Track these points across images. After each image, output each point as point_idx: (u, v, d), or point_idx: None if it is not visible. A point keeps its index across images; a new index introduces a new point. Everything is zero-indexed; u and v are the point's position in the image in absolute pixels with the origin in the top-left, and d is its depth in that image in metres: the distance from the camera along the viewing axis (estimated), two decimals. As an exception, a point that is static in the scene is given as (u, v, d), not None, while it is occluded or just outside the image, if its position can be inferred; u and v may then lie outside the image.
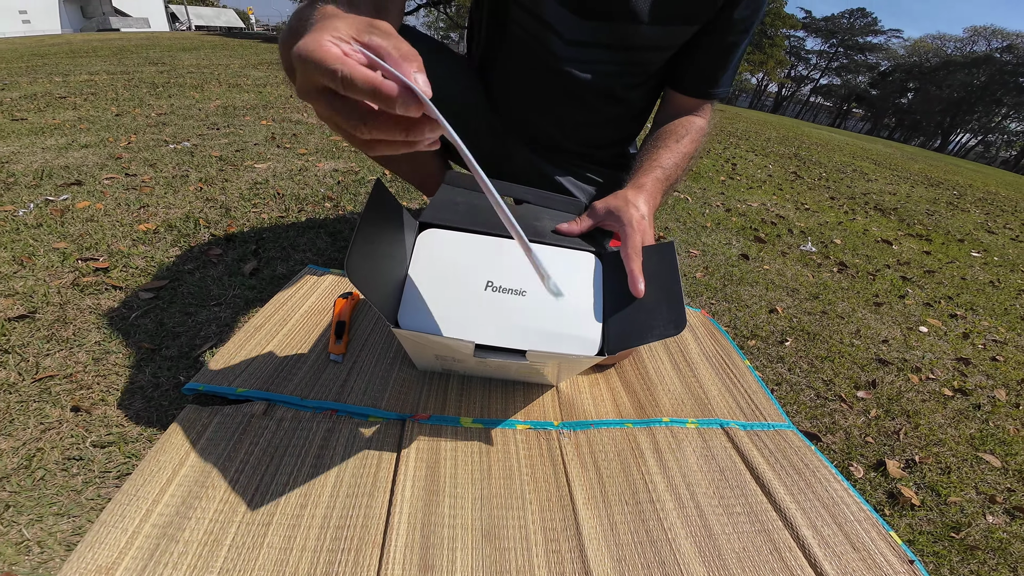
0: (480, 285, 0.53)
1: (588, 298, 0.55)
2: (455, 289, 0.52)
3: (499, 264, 0.54)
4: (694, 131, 0.68)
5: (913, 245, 2.08)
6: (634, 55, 0.66)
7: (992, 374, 1.11)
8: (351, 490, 0.51)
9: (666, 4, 0.61)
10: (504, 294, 0.53)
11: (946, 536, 0.65)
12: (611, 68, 0.67)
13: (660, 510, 0.56)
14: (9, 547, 0.44)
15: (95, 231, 0.98)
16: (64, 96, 2.67)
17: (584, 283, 0.56)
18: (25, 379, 0.60)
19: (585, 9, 0.61)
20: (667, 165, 0.63)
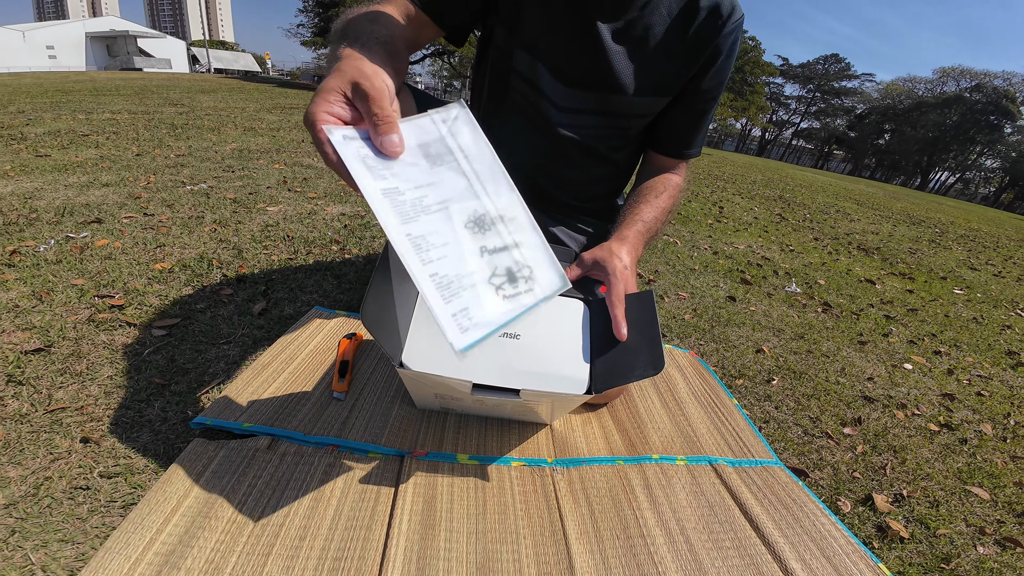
0: None
1: (577, 341, 0.60)
2: None
3: None
4: (671, 187, 0.76)
5: (896, 284, 2.15)
6: (617, 121, 0.75)
7: (978, 409, 1.13)
8: (349, 523, 0.53)
9: (644, 78, 0.70)
10: (499, 337, 0.57)
11: (936, 568, 0.66)
12: (598, 132, 0.76)
13: (651, 545, 0.58)
14: (14, 571, 0.45)
15: (112, 269, 1.03)
16: (87, 134, 2.81)
17: (573, 328, 0.61)
18: (38, 410, 0.63)
19: (575, 81, 0.71)
20: (648, 219, 0.70)
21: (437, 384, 0.57)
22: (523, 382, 0.56)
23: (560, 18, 0.67)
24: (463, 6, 0.66)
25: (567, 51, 0.69)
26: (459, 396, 0.61)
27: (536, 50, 0.70)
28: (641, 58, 0.69)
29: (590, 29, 0.67)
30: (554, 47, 0.69)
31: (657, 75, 0.70)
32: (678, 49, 0.69)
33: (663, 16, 0.67)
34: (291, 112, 5.47)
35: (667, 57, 0.69)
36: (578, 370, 0.58)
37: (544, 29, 0.68)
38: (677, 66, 0.70)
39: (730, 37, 0.68)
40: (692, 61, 0.69)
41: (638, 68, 0.69)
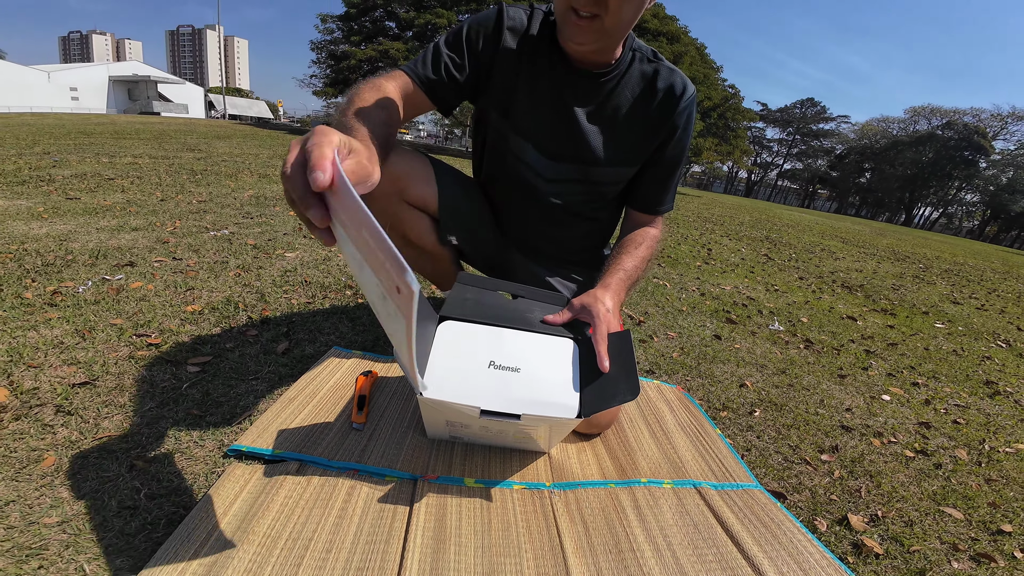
0: (484, 364, 0.67)
1: (568, 374, 0.69)
2: (466, 367, 0.66)
3: (498, 348, 0.70)
4: (649, 239, 0.89)
5: (878, 320, 2.25)
6: (595, 187, 0.88)
7: (954, 436, 1.20)
8: (370, 538, 0.59)
9: (615, 151, 0.84)
10: (503, 371, 0.67)
11: None
12: (580, 197, 0.90)
13: (640, 558, 0.64)
14: None
15: (147, 310, 1.13)
16: (112, 178, 2.98)
17: (565, 363, 0.71)
18: (87, 438, 0.70)
19: (558, 156, 0.85)
20: (629, 268, 0.82)
21: (450, 410, 0.66)
22: (523, 408, 0.64)
23: (544, 103, 0.82)
24: (456, 90, 0.80)
25: (551, 131, 0.83)
26: (468, 423, 0.69)
27: (526, 132, 0.84)
28: (612, 134, 0.83)
29: (569, 112, 0.82)
30: (540, 128, 0.84)
31: (626, 148, 0.84)
32: (642, 125, 0.83)
33: (628, 97, 0.82)
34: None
35: (633, 132, 0.83)
36: (570, 398, 0.67)
37: (531, 113, 0.83)
38: (642, 140, 0.84)
39: (684, 113, 0.83)
40: (655, 135, 0.84)
41: (610, 143, 0.83)
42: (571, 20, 0.69)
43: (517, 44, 0.80)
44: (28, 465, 0.64)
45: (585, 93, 0.81)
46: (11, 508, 0.57)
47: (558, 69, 0.80)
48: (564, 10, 0.70)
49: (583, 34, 0.70)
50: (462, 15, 14.30)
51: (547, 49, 0.80)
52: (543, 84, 0.81)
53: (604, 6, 0.67)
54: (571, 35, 0.72)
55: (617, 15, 0.68)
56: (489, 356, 0.68)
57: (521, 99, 0.82)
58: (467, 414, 0.66)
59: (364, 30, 15.75)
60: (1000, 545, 0.82)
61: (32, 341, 0.94)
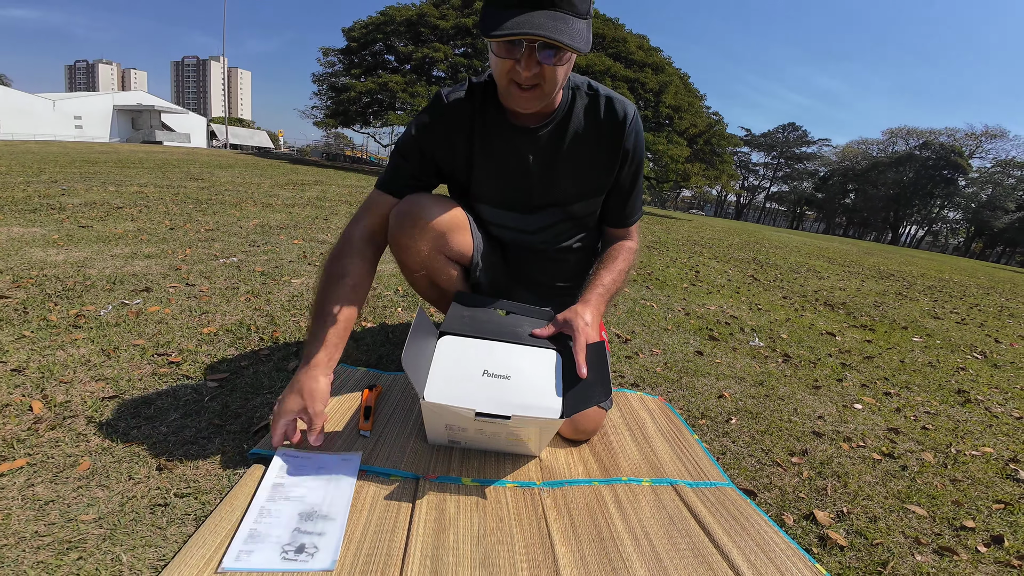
0: (479, 372, 0.77)
1: (551, 381, 0.79)
2: (462, 375, 0.76)
3: (491, 359, 0.79)
4: (625, 251, 0.99)
5: (856, 335, 2.35)
6: (577, 220, 0.99)
7: (922, 440, 1.27)
8: (378, 528, 0.66)
9: (582, 186, 0.93)
10: (495, 378, 0.76)
11: (874, 571, 0.77)
12: (566, 234, 1.00)
13: (620, 546, 0.71)
14: (105, 570, 0.57)
15: (166, 331, 1.21)
16: (120, 207, 3.08)
17: (549, 371, 0.80)
18: (118, 444, 0.78)
19: (534, 208, 0.95)
20: (607, 282, 0.91)
21: (449, 413, 0.74)
22: (512, 410, 0.73)
23: (505, 165, 0.90)
24: (422, 185, 0.92)
25: (520, 189, 0.92)
26: (464, 425, 0.78)
27: (498, 201, 0.94)
28: (574, 172, 0.91)
29: (529, 165, 0.89)
30: (509, 191, 0.93)
31: (590, 180, 0.93)
32: (597, 156, 0.90)
33: (578, 135, 0.88)
34: (303, 188, 5.92)
35: (591, 165, 0.91)
36: (553, 401, 0.76)
37: (496, 180, 0.91)
38: (602, 169, 0.92)
39: (631, 135, 0.89)
40: (611, 162, 0.91)
41: (576, 180, 0.92)
42: (514, 92, 0.76)
43: (464, 123, 0.87)
44: (65, 469, 0.71)
45: (539, 145, 0.88)
46: (51, 507, 0.64)
47: (509, 130, 0.87)
48: (506, 84, 0.76)
49: (528, 102, 0.78)
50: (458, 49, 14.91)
51: (494, 116, 0.87)
52: (499, 148, 0.88)
53: (542, 77, 0.74)
54: (518, 104, 0.79)
55: (554, 81, 0.76)
56: (483, 366, 0.78)
57: (482, 172, 0.91)
58: (464, 416, 0.74)
59: (364, 63, 16.35)
60: (963, 540, 0.87)
61: (61, 359, 1.02)
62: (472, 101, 0.87)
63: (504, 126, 0.88)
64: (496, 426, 0.76)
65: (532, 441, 0.83)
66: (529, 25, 0.66)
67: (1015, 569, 0.81)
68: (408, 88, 14.05)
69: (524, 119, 0.87)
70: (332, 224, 3.35)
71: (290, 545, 0.62)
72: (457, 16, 14.61)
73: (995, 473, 1.13)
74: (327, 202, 4.73)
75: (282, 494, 0.69)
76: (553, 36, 0.67)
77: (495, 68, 0.78)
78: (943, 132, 39.35)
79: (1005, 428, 1.43)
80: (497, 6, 0.70)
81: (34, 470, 0.70)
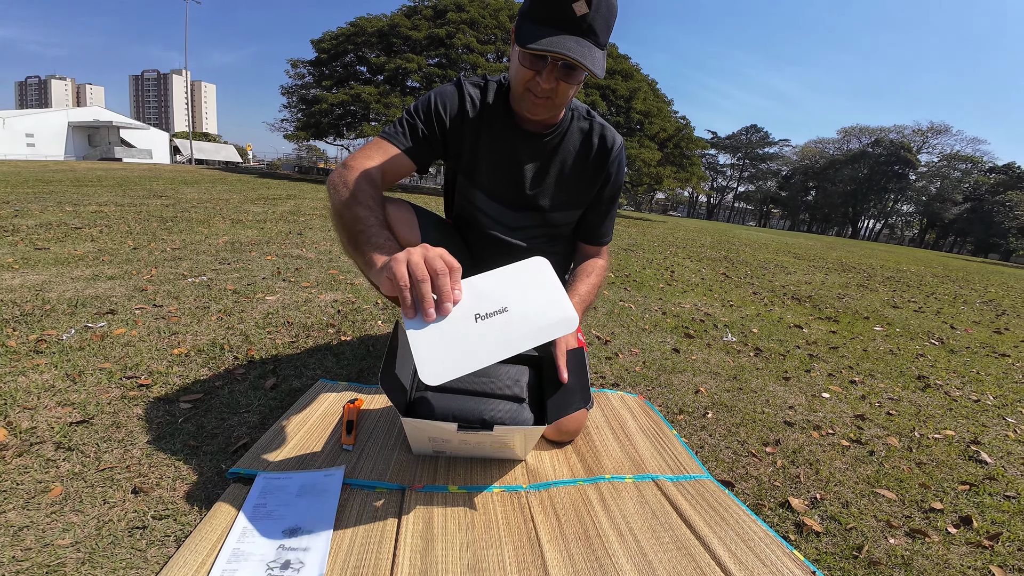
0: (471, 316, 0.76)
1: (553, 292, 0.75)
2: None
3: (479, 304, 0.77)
4: (598, 268, 1.05)
5: (822, 327, 2.46)
6: (552, 228, 1.05)
7: (887, 426, 1.34)
8: (365, 539, 0.66)
9: (564, 198, 1.01)
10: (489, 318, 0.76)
11: (849, 555, 0.80)
12: (541, 238, 1.05)
13: (606, 543, 0.73)
14: None
15: (134, 354, 1.17)
16: (79, 227, 2.94)
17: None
18: (89, 469, 0.75)
19: (518, 206, 1.00)
20: (583, 293, 0.97)
21: (431, 428, 0.75)
22: (521, 346, 0.68)
23: (503, 162, 0.97)
24: (431, 152, 0.94)
25: (511, 186, 0.99)
26: (448, 438, 0.78)
27: (490, 190, 1.00)
28: (560, 184, 1.00)
29: (524, 169, 0.98)
30: (502, 185, 0.99)
31: (573, 194, 1.01)
32: (583, 174, 1.00)
33: (571, 151, 0.99)
34: (274, 203, 5.77)
35: (576, 181, 1.00)
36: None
37: (493, 173, 0.98)
38: (585, 187, 1.01)
39: (615, 161, 1.00)
40: (594, 182, 1.01)
41: (559, 191, 1.00)
42: (528, 98, 0.85)
43: (476, 113, 0.94)
44: (36, 496, 0.69)
45: (536, 151, 0.97)
46: (25, 532, 0.62)
47: (513, 132, 0.95)
48: (522, 91, 0.85)
49: (538, 109, 0.86)
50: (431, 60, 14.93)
51: (503, 115, 0.95)
52: (501, 146, 0.96)
53: (556, 91, 0.83)
54: (528, 109, 0.87)
55: (565, 96, 0.85)
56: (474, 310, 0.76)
57: (483, 162, 0.97)
58: (446, 430, 0.75)
59: (335, 74, 16.17)
60: (933, 522, 0.91)
61: (23, 385, 0.97)
62: (486, 95, 0.95)
63: (510, 126, 0.95)
64: (480, 436, 0.77)
65: (517, 447, 0.84)
66: (561, 46, 0.75)
67: (987, 550, 0.84)
68: (382, 99, 13.97)
69: (528, 124, 0.95)
70: (307, 239, 3.29)
71: (275, 562, 0.61)
72: (429, 27, 14.65)
73: (958, 455, 1.19)
74: (300, 216, 4.64)
75: (264, 513, 0.69)
76: (580, 59, 0.75)
77: (516, 75, 0.85)
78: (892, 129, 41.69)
79: (964, 411, 1.51)
80: (535, 22, 0.78)
81: (3, 497, 0.68)
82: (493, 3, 15.39)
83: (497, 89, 0.96)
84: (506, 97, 0.95)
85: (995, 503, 0.99)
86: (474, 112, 0.94)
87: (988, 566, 0.80)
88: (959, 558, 0.81)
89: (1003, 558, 0.82)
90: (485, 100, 0.95)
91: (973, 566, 0.80)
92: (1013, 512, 0.97)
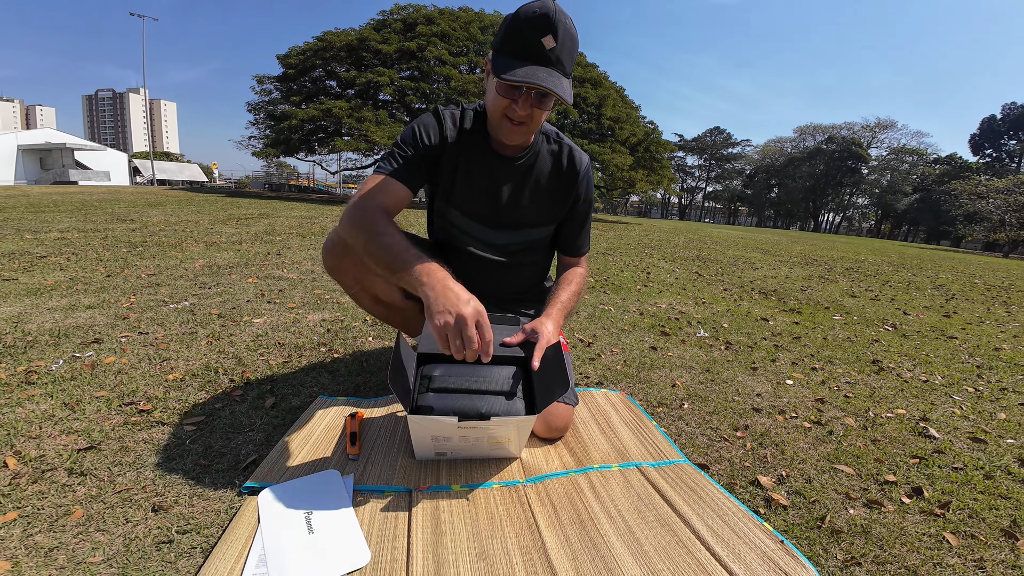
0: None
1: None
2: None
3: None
4: (578, 277, 1.14)
5: (786, 318, 2.63)
6: (532, 242, 1.13)
7: (844, 407, 1.46)
8: (380, 537, 0.72)
9: (540, 215, 1.10)
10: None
11: (814, 525, 0.88)
12: (520, 252, 1.14)
13: (598, 525, 0.81)
14: None
15: (128, 381, 1.19)
16: (44, 256, 2.86)
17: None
18: (106, 492, 0.78)
19: (498, 225, 1.09)
20: (564, 300, 1.05)
21: (434, 424, 0.82)
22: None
23: (481, 185, 1.05)
24: (420, 178, 1.02)
25: (490, 207, 1.07)
26: (449, 434, 0.85)
27: (470, 212, 1.08)
28: (534, 202, 1.08)
29: (500, 190, 1.06)
30: (480, 206, 1.07)
31: (546, 211, 1.10)
32: (555, 193, 1.09)
33: (543, 172, 1.08)
34: (247, 223, 5.67)
35: (549, 199, 1.09)
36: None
37: (471, 196, 1.06)
38: (557, 204, 1.10)
39: (584, 181, 1.10)
40: (566, 199, 1.10)
41: (533, 209, 1.09)
42: (505, 124, 0.93)
43: (455, 139, 1.01)
44: (59, 519, 0.72)
45: (512, 173, 1.06)
46: (56, 553, 0.66)
47: (490, 156, 1.03)
48: (499, 118, 0.93)
49: (515, 135, 0.95)
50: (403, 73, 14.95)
51: (480, 140, 1.03)
52: (479, 169, 1.04)
53: (531, 117, 0.92)
54: (505, 135, 0.96)
55: (538, 122, 0.95)
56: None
57: (461, 184, 1.05)
58: (447, 425, 0.82)
59: (304, 90, 15.97)
60: (888, 493, 1.00)
61: (23, 416, 0.99)
62: (464, 122, 1.03)
63: (486, 151, 1.03)
64: (478, 431, 0.84)
65: (512, 442, 0.92)
66: (535, 77, 0.85)
67: (938, 518, 0.91)
68: (354, 113, 13.87)
69: (504, 148, 1.03)
70: (286, 259, 3.28)
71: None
72: (400, 40, 14.68)
73: (909, 431, 1.31)
74: (277, 235, 4.60)
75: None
76: (552, 88, 0.85)
77: (492, 103, 0.94)
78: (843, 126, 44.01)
79: (914, 391, 1.64)
80: (509, 56, 0.87)
81: (28, 521, 0.71)
82: (464, 16, 15.56)
83: (474, 116, 1.04)
84: (483, 123, 1.03)
85: (944, 475, 1.09)
86: (453, 138, 1.02)
87: (941, 533, 0.87)
88: (913, 525, 0.89)
89: (955, 525, 0.90)
90: (463, 126, 1.02)
91: (928, 533, 0.87)
92: (961, 482, 1.05)
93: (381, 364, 1.45)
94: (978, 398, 1.64)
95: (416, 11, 15.64)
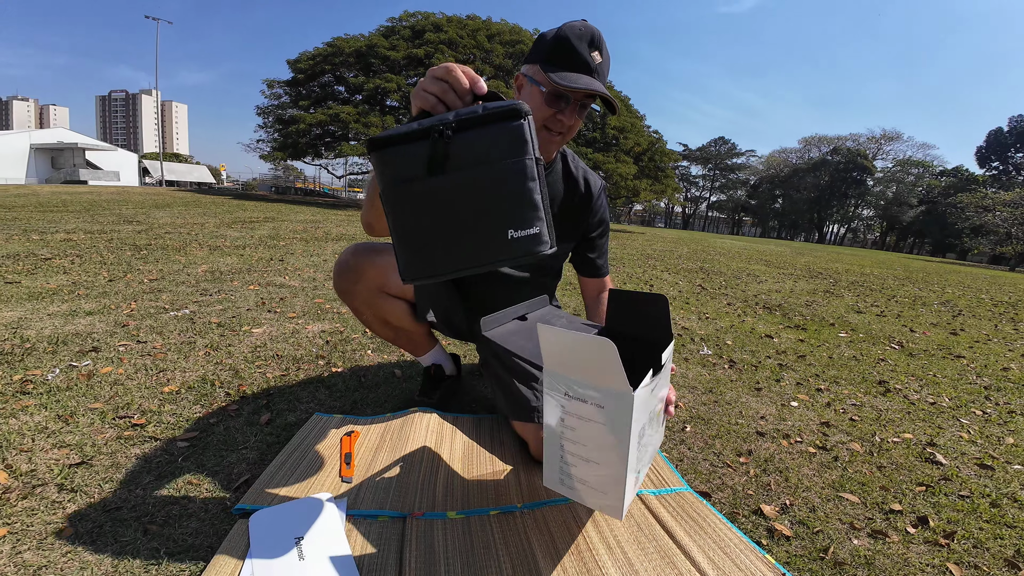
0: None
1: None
2: None
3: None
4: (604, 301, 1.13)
5: (791, 335, 2.59)
6: (545, 261, 1.14)
7: (850, 431, 1.43)
8: (370, 567, 0.70)
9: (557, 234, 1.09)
10: None
11: (817, 557, 0.86)
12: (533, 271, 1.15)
13: (596, 556, 0.79)
14: None
15: (123, 393, 1.18)
16: (49, 258, 2.87)
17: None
18: (96, 511, 0.77)
19: None
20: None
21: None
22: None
23: None
24: None
25: None
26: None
27: None
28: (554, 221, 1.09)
29: None
30: None
31: (562, 231, 1.10)
32: (570, 212, 1.10)
33: (559, 190, 1.09)
34: (252, 226, 5.70)
35: (565, 218, 1.10)
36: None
37: None
38: (573, 224, 1.11)
39: (598, 202, 1.11)
40: (581, 220, 1.12)
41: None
42: (543, 136, 0.94)
43: None
44: (48, 536, 0.71)
45: None
46: (45, 572, 0.65)
47: None
48: (538, 128, 0.93)
49: (552, 147, 0.97)
50: (411, 79, 15.10)
51: None
52: None
53: (573, 128, 0.95)
54: (542, 147, 0.94)
55: (574, 132, 0.96)
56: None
57: None
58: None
59: (313, 94, 16.16)
60: (893, 522, 0.97)
61: (15, 427, 0.98)
62: None
63: None
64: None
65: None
66: (592, 85, 0.87)
67: (943, 548, 0.89)
68: (361, 119, 14.01)
69: None
70: (289, 266, 3.28)
71: None
72: (408, 47, 14.86)
73: (915, 457, 1.28)
74: (281, 241, 4.61)
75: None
76: (608, 95, 0.88)
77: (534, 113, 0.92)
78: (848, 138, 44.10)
79: (922, 414, 1.61)
80: (557, 67, 0.89)
81: (17, 538, 0.70)
82: (471, 24, 15.74)
83: None
84: None
85: (950, 503, 1.06)
86: None
87: (945, 563, 0.85)
88: (917, 556, 0.87)
89: (959, 555, 0.88)
90: None
91: (931, 564, 0.85)
92: (967, 511, 1.03)
93: (379, 380, 1.44)
94: (986, 421, 1.60)
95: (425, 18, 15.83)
